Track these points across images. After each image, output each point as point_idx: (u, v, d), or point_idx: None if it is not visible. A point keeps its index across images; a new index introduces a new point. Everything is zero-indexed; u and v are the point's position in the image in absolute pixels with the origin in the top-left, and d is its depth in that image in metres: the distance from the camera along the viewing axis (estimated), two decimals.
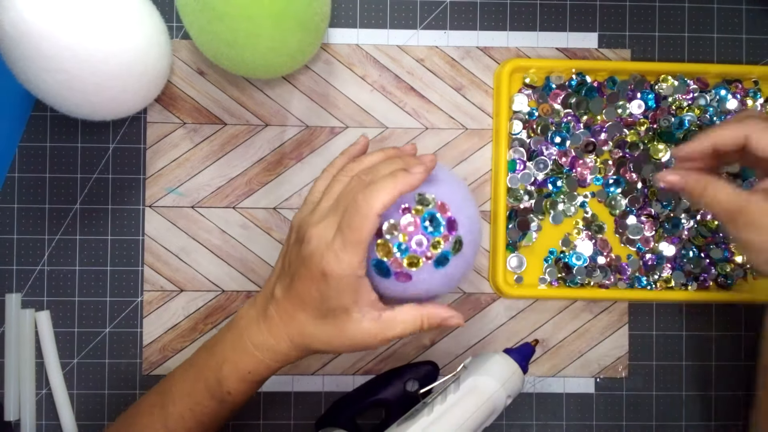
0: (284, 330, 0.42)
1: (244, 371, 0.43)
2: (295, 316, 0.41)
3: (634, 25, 0.56)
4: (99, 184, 0.54)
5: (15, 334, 0.53)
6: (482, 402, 0.43)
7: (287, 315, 0.42)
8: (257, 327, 0.43)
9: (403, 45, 0.55)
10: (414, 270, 0.42)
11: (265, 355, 0.43)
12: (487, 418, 0.44)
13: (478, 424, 0.44)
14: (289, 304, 0.42)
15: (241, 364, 0.43)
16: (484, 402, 0.43)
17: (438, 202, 0.43)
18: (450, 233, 0.42)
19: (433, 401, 0.44)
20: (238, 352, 0.43)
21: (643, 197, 0.54)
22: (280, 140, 0.55)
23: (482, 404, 0.43)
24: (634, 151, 0.54)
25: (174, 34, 0.55)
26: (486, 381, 0.44)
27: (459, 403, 0.43)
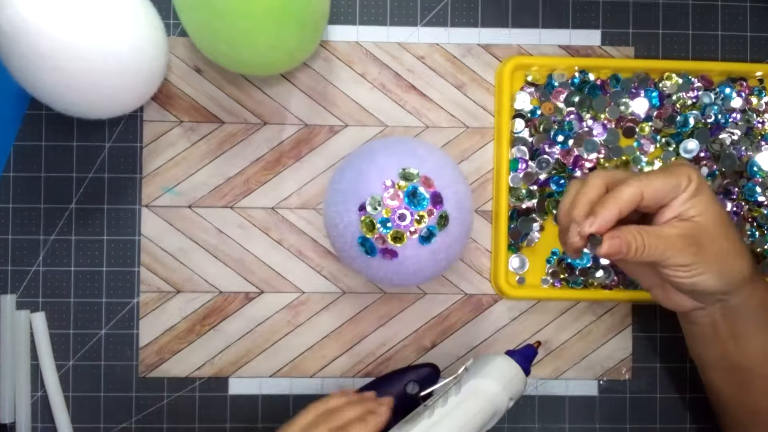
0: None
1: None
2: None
3: (637, 23, 0.56)
4: (95, 183, 0.54)
5: (10, 335, 0.53)
6: (484, 405, 0.43)
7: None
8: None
9: (404, 42, 0.55)
10: (399, 246, 0.42)
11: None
12: (489, 420, 0.43)
13: (480, 427, 0.43)
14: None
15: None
16: (486, 405, 0.43)
17: (422, 177, 0.43)
18: (435, 208, 0.43)
19: (434, 404, 0.44)
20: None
21: None
22: (279, 139, 0.54)
23: (484, 407, 0.43)
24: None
25: (171, 32, 0.54)
26: (487, 383, 0.43)
27: (460, 406, 0.43)
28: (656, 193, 0.40)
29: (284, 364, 0.54)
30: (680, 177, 0.40)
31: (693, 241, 0.40)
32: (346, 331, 0.54)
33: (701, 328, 0.45)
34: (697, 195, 0.40)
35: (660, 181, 0.40)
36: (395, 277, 0.45)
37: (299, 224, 0.54)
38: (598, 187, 0.41)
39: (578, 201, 0.41)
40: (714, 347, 0.45)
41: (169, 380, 0.54)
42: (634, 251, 0.39)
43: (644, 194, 0.40)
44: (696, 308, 0.44)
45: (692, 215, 0.40)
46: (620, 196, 0.39)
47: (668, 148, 0.54)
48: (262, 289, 0.54)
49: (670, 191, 0.40)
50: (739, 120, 0.54)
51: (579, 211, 0.40)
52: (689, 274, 0.40)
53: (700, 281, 0.41)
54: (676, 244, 0.40)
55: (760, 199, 0.54)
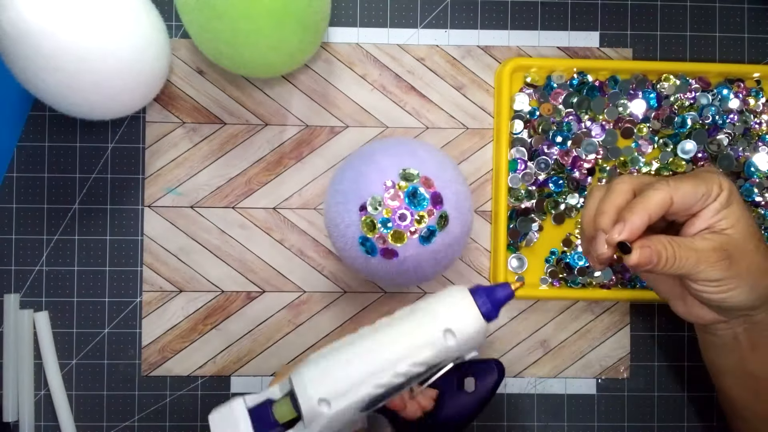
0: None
1: None
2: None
3: (635, 24, 0.56)
4: (98, 184, 0.54)
5: (13, 334, 0.53)
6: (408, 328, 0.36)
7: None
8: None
9: (404, 44, 0.55)
10: (399, 246, 0.43)
11: None
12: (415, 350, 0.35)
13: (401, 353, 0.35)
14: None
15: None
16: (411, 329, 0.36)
17: (422, 177, 0.43)
18: (435, 208, 0.43)
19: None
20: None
21: None
22: (280, 140, 0.55)
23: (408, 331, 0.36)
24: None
25: (173, 33, 0.54)
26: (423, 306, 0.37)
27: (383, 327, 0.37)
28: (686, 198, 0.38)
29: (285, 363, 0.55)
30: (711, 184, 0.38)
31: (725, 256, 0.38)
32: (347, 330, 0.55)
33: (721, 339, 0.43)
34: (729, 205, 0.38)
35: (690, 186, 0.38)
36: (396, 277, 0.46)
37: (300, 224, 0.55)
38: (625, 193, 0.39)
39: (604, 208, 0.39)
40: (732, 357, 0.44)
41: (171, 379, 0.54)
42: (664, 262, 0.37)
43: (674, 199, 0.38)
44: (718, 321, 0.42)
45: (724, 227, 0.38)
46: (650, 200, 0.37)
47: (666, 149, 0.54)
48: (263, 289, 0.55)
49: (701, 199, 0.38)
50: (737, 121, 0.54)
51: (606, 219, 0.38)
52: (719, 290, 0.39)
53: (730, 297, 0.39)
54: (709, 257, 0.37)
55: (758, 199, 0.54)
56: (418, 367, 0.36)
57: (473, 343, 0.36)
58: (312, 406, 0.35)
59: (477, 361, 0.46)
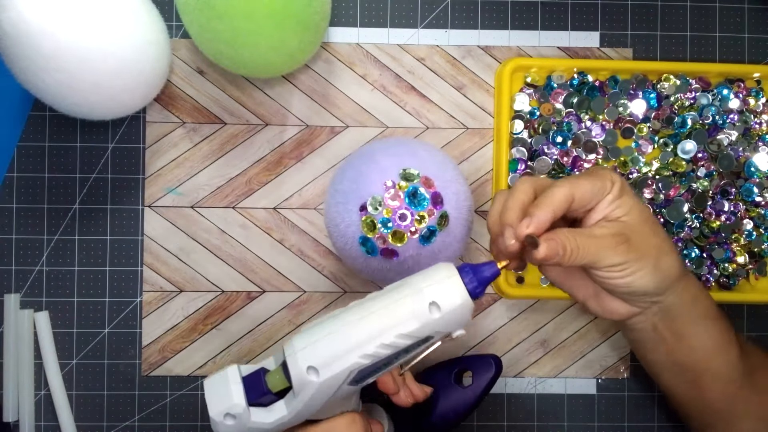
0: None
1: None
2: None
3: (635, 24, 0.56)
4: (98, 183, 0.54)
5: (14, 334, 0.53)
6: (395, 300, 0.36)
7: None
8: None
9: (404, 44, 0.55)
10: (400, 246, 0.43)
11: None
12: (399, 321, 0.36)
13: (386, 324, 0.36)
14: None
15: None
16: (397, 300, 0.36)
17: (422, 177, 0.43)
18: (435, 208, 0.43)
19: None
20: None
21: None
22: (280, 140, 0.55)
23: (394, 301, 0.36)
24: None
25: (173, 33, 0.54)
26: (410, 280, 0.37)
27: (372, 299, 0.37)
28: (585, 194, 0.40)
29: None
30: (604, 180, 0.41)
31: (623, 239, 0.40)
32: None
33: (643, 333, 0.45)
34: (621, 196, 0.41)
35: (587, 183, 0.40)
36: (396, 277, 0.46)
37: (300, 224, 0.55)
38: (527, 192, 0.41)
39: (509, 205, 0.40)
40: (659, 350, 0.46)
41: (171, 379, 0.54)
42: (569, 253, 0.39)
43: (575, 196, 0.40)
44: (633, 314, 0.44)
45: (618, 215, 0.41)
46: (553, 197, 0.40)
47: (666, 148, 0.54)
48: (263, 289, 0.55)
49: (597, 193, 0.41)
50: (737, 121, 0.54)
51: (512, 214, 0.40)
52: (623, 274, 0.40)
53: (635, 280, 0.40)
54: (608, 242, 0.40)
55: (758, 199, 0.54)
56: (404, 339, 0.36)
57: (459, 318, 0.36)
58: (301, 374, 0.36)
59: (474, 357, 0.47)
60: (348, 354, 0.36)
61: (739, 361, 0.45)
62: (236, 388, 0.37)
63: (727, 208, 0.54)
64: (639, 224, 0.41)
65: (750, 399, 0.46)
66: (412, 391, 0.43)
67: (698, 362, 0.45)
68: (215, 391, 0.37)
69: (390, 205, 0.43)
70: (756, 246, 0.54)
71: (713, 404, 0.46)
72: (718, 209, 0.54)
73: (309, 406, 0.37)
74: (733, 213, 0.54)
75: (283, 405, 0.38)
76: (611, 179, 0.41)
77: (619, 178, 0.41)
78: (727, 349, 0.45)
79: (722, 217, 0.54)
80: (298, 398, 0.36)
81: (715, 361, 0.45)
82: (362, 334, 0.36)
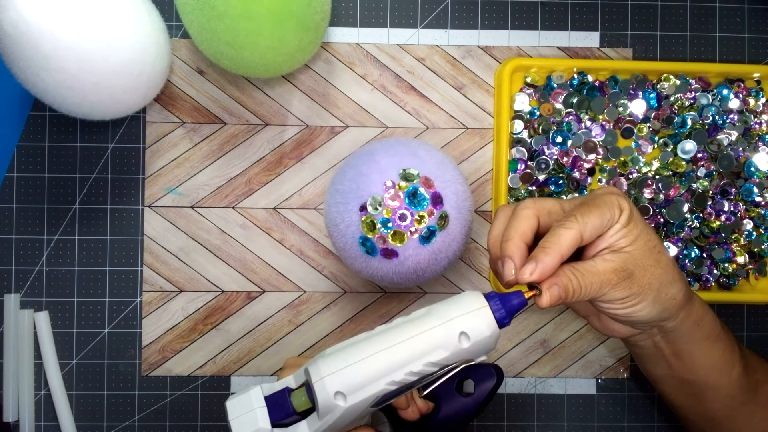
0: None
1: None
2: None
3: (635, 24, 0.56)
4: (98, 183, 0.54)
5: (14, 334, 0.53)
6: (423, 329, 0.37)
7: None
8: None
9: (404, 44, 0.55)
10: (400, 246, 0.43)
11: None
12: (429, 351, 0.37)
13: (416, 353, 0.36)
14: None
15: None
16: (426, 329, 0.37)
17: (422, 177, 0.43)
18: (435, 208, 0.43)
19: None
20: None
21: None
22: (280, 140, 0.55)
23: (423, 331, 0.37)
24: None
25: (173, 33, 0.54)
26: (439, 309, 0.38)
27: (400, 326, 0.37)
28: (594, 231, 0.38)
29: None
30: (612, 209, 0.39)
31: (626, 275, 0.38)
32: (347, 330, 0.55)
33: (644, 349, 0.45)
34: (628, 224, 0.39)
35: (597, 218, 0.38)
36: (396, 277, 0.46)
37: (300, 224, 0.55)
38: (530, 218, 0.39)
39: (510, 234, 0.39)
40: (660, 365, 0.45)
41: (171, 379, 0.54)
42: (572, 295, 0.37)
43: (584, 236, 0.38)
44: (633, 334, 0.43)
45: (623, 246, 0.39)
46: (562, 240, 0.37)
47: (666, 148, 0.54)
48: (263, 289, 0.55)
49: (605, 225, 0.39)
50: (737, 121, 0.54)
51: (513, 246, 0.38)
52: (624, 306, 0.39)
53: (635, 311, 0.39)
54: (610, 279, 0.38)
55: (758, 199, 0.54)
56: (431, 366, 0.37)
57: (486, 347, 0.37)
58: (328, 398, 0.36)
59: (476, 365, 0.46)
60: (377, 380, 0.36)
61: (742, 378, 0.45)
62: (261, 411, 0.37)
63: (727, 208, 0.54)
64: (643, 255, 0.39)
65: (753, 412, 0.45)
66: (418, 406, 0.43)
67: (699, 379, 0.44)
68: (239, 414, 0.37)
69: (390, 205, 0.43)
70: (756, 246, 0.54)
71: (715, 415, 0.46)
72: (718, 209, 0.54)
73: (332, 428, 0.37)
74: (733, 213, 0.54)
75: (305, 426, 0.38)
76: (620, 206, 0.39)
77: (627, 204, 0.39)
78: (730, 367, 0.44)
79: (722, 217, 0.54)
80: (323, 420, 0.37)
81: (716, 378, 0.44)
82: (392, 363, 0.36)
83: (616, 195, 0.40)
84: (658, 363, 0.45)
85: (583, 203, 0.40)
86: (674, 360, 0.44)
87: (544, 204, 0.40)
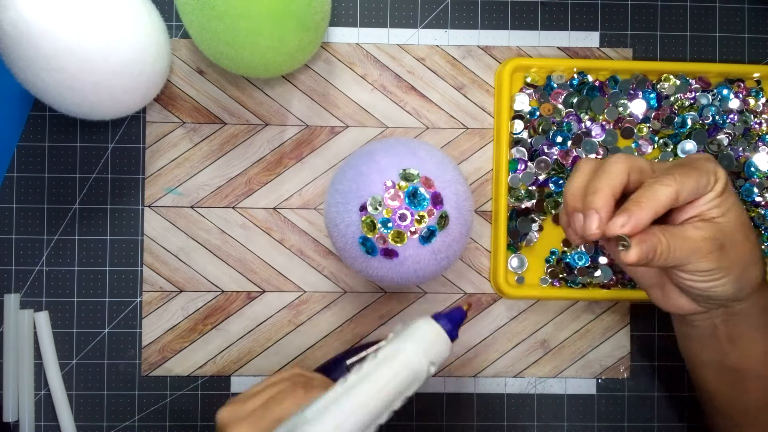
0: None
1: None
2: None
3: (635, 24, 0.56)
4: (98, 183, 0.54)
5: (13, 334, 0.53)
6: (399, 369, 0.39)
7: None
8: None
9: (404, 44, 0.55)
10: (400, 246, 0.43)
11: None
12: (407, 387, 0.40)
13: (397, 393, 0.39)
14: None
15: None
16: (402, 369, 0.39)
17: (422, 177, 0.43)
18: (435, 208, 0.43)
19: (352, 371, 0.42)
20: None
21: None
22: (280, 140, 0.55)
23: (400, 371, 0.39)
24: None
25: (173, 33, 0.54)
26: (405, 347, 0.40)
27: (375, 371, 0.39)
28: (690, 194, 0.36)
29: (285, 362, 0.55)
30: (708, 175, 0.37)
31: (717, 245, 0.37)
32: (347, 330, 0.55)
33: (698, 330, 0.43)
34: (723, 193, 0.37)
35: (694, 181, 0.36)
36: (396, 277, 0.46)
37: (300, 224, 0.55)
38: (622, 173, 0.37)
39: (599, 185, 0.36)
40: (710, 348, 0.44)
41: (171, 379, 0.54)
42: (659, 255, 0.36)
43: (680, 196, 0.36)
44: (696, 312, 0.42)
45: (714, 216, 0.37)
46: (658, 196, 0.36)
47: (666, 149, 0.54)
48: (263, 289, 0.55)
49: (700, 190, 0.37)
50: (737, 121, 0.54)
51: (601, 199, 0.36)
52: (707, 279, 0.38)
53: (715, 286, 0.38)
54: (702, 248, 0.36)
55: (758, 199, 0.54)
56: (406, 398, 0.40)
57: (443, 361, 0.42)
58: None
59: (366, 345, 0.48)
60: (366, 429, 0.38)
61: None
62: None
63: None
64: (734, 228, 0.37)
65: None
66: None
67: (749, 367, 0.43)
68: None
69: (390, 205, 0.43)
70: None
71: (753, 406, 0.44)
72: None
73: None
74: None
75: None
76: (715, 174, 0.37)
77: (723, 173, 0.37)
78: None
79: None
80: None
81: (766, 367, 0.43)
82: (377, 411, 0.38)
83: (712, 162, 0.38)
84: (709, 346, 0.43)
85: (679, 164, 0.38)
86: (728, 345, 0.42)
87: (637, 161, 0.38)
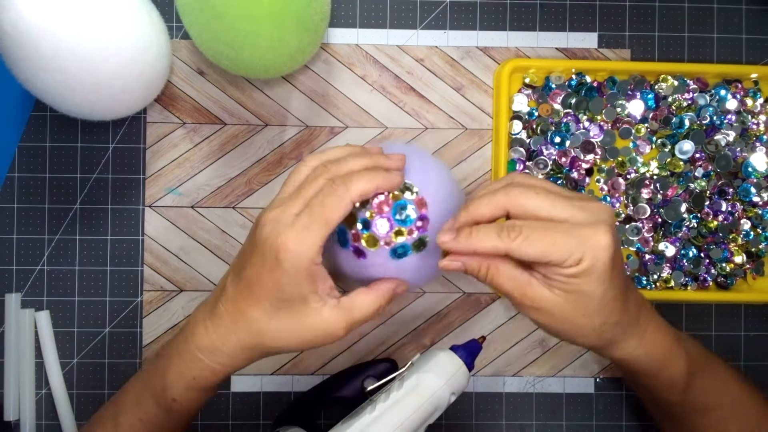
0: (232, 329, 0.39)
1: (188, 377, 0.41)
2: (245, 311, 0.39)
3: (633, 25, 0.56)
4: (99, 184, 0.54)
5: (15, 334, 0.53)
6: (424, 400, 0.42)
7: (237, 311, 0.39)
8: (204, 328, 0.40)
9: (403, 45, 0.55)
10: (370, 250, 0.42)
11: (209, 358, 0.40)
12: (430, 416, 0.43)
13: (421, 422, 0.42)
14: (240, 298, 0.39)
15: (185, 369, 0.41)
16: (426, 400, 0.42)
17: (419, 196, 0.42)
18: (417, 230, 0.42)
19: (377, 399, 0.43)
20: (183, 357, 0.41)
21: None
22: (280, 140, 0.55)
23: (424, 402, 0.42)
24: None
25: (174, 34, 0.55)
26: (429, 378, 0.43)
27: (401, 401, 0.42)
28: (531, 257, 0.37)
29: (285, 361, 0.55)
30: (579, 249, 0.36)
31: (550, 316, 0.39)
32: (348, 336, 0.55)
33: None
34: (580, 277, 0.37)
35: (545, 247, 0.36)
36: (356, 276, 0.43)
37: None
38: (498, 210, 0.39)
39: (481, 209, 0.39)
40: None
41: None
42: (473, 275, 0.39)
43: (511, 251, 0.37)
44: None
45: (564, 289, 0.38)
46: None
47: (664, 149, 0.55)
48: None
49: (553, 259, 0.36)
50: (734, 121, 0.55)
51: (465, 216, 0.39)
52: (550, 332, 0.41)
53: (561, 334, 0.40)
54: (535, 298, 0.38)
55: (755, 199, 0.54)
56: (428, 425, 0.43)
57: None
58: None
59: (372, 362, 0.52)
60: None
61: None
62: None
63: (725, 208, 0.54)
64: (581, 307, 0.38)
65: None
66: None
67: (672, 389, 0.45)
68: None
69: (375, 208, 0.42)
70: (753, 246, 0.55)
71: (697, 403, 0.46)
72: (716, 209, 0.54)
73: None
74: (731, 213, 0.55)
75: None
76: (593, 252, 0.36)
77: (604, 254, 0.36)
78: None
79: (720, 217, 0.54)
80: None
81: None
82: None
83: (603, 237, 0.36)
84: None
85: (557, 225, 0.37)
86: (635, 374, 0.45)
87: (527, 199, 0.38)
